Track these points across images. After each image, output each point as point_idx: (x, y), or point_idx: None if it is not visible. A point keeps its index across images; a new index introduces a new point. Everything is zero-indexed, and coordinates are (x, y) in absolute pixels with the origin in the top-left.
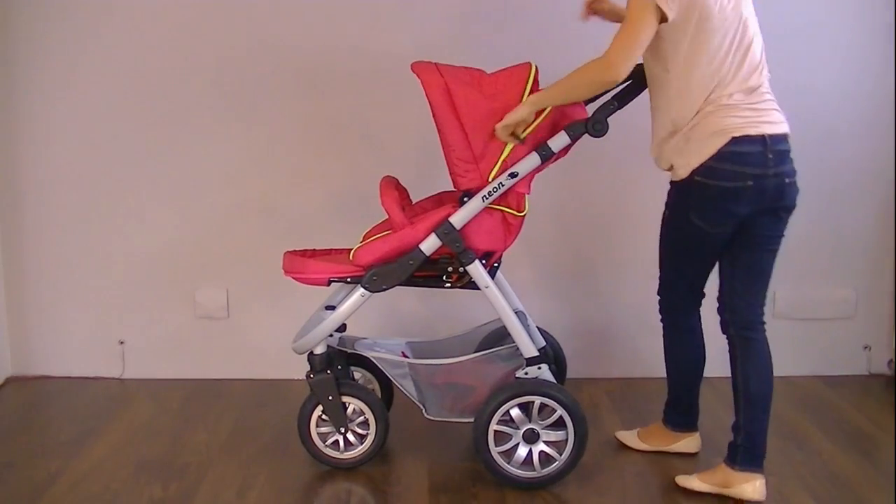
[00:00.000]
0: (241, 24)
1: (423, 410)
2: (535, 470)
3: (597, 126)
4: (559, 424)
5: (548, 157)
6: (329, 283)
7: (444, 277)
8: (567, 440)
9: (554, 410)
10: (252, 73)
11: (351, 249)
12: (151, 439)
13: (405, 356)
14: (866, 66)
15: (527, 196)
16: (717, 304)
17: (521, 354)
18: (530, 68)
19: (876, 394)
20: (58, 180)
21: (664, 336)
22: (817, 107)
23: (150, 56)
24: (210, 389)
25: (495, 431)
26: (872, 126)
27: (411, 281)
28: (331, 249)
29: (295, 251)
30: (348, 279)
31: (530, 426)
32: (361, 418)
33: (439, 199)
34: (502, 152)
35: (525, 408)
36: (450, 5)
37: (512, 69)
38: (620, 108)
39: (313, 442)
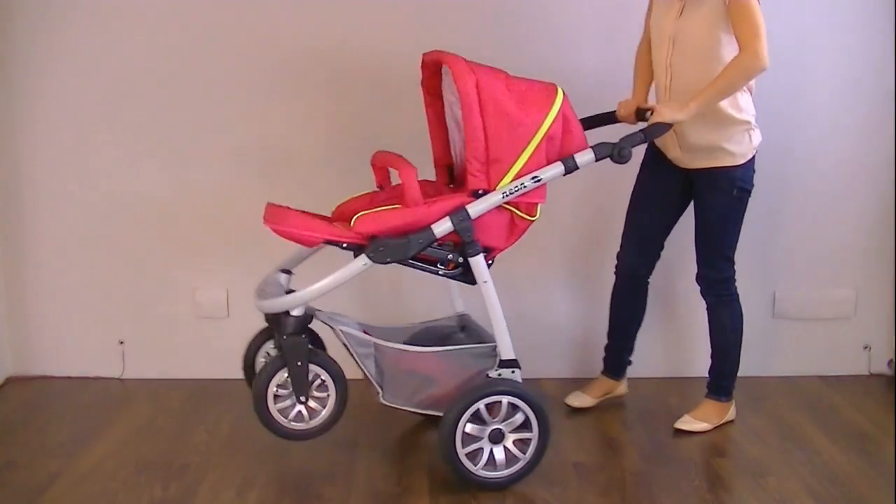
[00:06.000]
0: (241, 27)
1: (380, 394)
2: (497, 470)
3: (623, 152)
4: (525, 425)
5: (571, 170)
6: (324, 244)
7: (440, 264)
8: (532, 440)
9: (518, 411)
10: (253, 77)
11: (332, 216)
12: (151, 439)
13: (367, 335)
14: (866, 66)
15: (539, 205)
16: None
17: (493, 355)
18: (556, 94)
19: (876, 394)
20: (58, 180)
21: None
22: (817, 106)
23: (149, 59)
24: (210, 389)
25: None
26: (872, 126)
27: (407, 261)
28: (306, 212)
29: (276, 205)
30: (344, 244)
31: (497, 426)
32: (318, 381)
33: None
34: (516, 162)
35: (491, 408)
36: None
37: (538, 85)
38: (645, 142)
39: (275, 419)
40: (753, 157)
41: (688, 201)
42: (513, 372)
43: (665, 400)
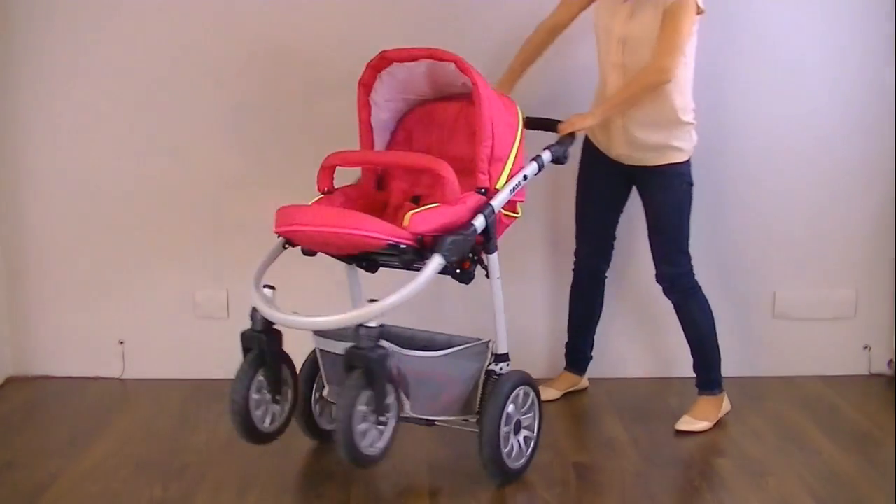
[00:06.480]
0: (239, 23)
1: (406, 405)
2: (520, 459)
3: (567, 153)
4: (532, 419)
5: (541, 167)
6: (388, 245)
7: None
8: (533, 435)
9: (533, 406)
10: (253, 77)
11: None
12: (151, 439)
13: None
14: (866, 66)
15: (520, 203)
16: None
17: (483, 352)
18: (519, 115)
19: (876, 394)
20: (58, 180)
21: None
22: (817, 107)
23: (152, 58)
24: (210, 389)
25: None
26: (872, 126)
27: None
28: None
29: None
30: (403, 246)
31: (518, 417)
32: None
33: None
34: (508, 161)
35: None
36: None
37: (506, 99)
38: (573, 144)
39: (359, 447)
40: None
41: (628, 193)
42: (507, 365)
43: (665, 400)
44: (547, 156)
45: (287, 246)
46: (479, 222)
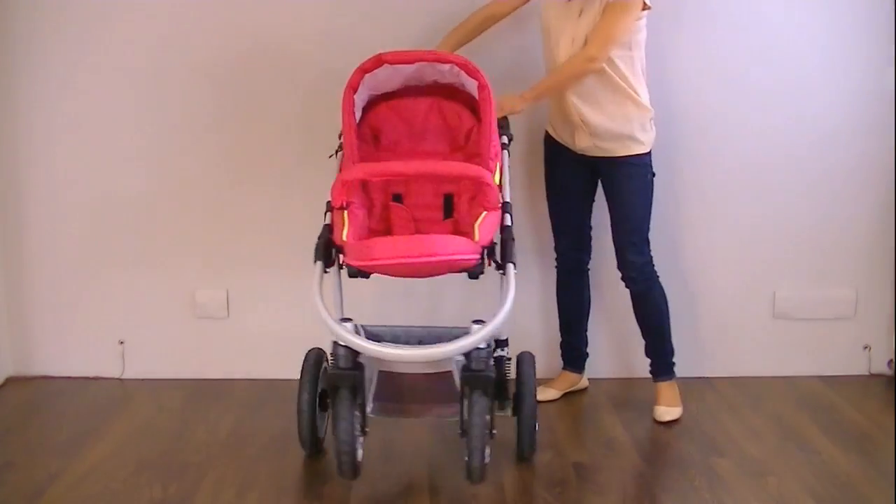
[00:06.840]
0: (238, 26)
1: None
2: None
3: (511, 135)
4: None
5: (509, 153)
6: (477, 263)
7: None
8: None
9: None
10: (254, 77)
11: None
12: (151, 439)
13: None
14: (866, 66)
15: None
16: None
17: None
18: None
19: (876, 394)
20: (58, 180)
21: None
22: (817, 106)
23: (153, 58)
24: (210, 389)
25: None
26: (872, 126)
27: None
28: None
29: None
30: (479, 259)
31: None
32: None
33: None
34: (499, 154)
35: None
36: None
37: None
38: (507, 123)
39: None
40: None
41: (596, 182)
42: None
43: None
44: (506, 141)
45: (328, 270)
46: (508, 220)
